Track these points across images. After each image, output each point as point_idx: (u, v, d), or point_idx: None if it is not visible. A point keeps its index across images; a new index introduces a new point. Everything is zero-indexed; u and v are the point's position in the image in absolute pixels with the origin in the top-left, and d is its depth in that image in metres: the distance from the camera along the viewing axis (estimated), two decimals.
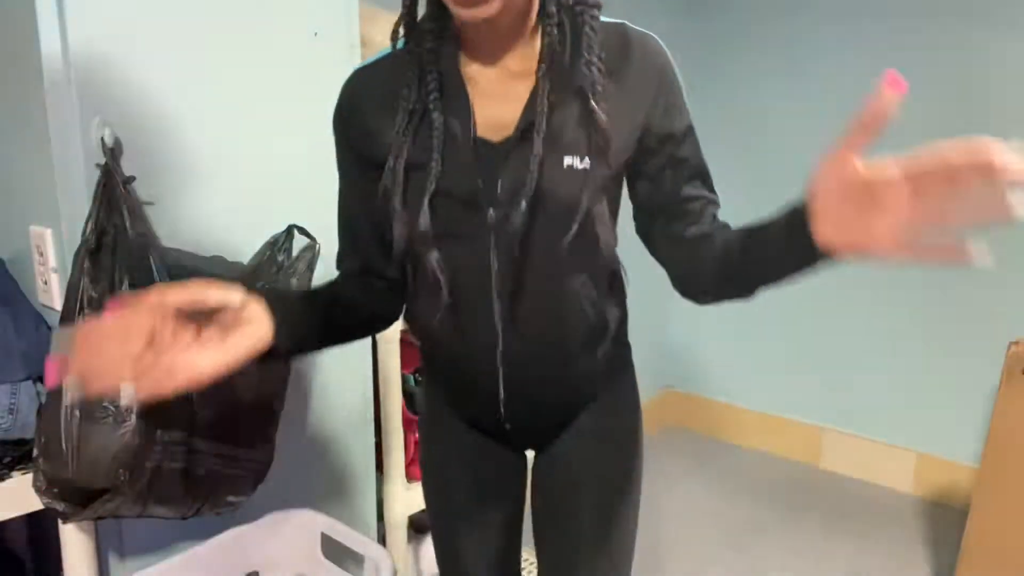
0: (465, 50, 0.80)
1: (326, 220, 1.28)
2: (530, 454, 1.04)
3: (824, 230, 0.63)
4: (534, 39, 0.79)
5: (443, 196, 0.78)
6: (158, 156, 1.06)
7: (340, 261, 0.95)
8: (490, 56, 0.79)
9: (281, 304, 0.76)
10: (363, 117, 0.85)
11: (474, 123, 0.78)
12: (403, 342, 1.50)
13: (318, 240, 1.19)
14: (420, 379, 1.16)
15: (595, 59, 0.76)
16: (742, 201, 1.34)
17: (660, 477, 2.63)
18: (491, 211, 0.79)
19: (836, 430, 2.68)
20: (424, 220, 0.78)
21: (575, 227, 0.77)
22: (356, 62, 1.30)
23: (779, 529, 2.29)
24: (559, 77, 0.76)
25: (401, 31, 0.80)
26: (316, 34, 1.22)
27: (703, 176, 0.85)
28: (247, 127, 1.16)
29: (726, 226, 0.82)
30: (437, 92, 0.78)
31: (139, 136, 1.03)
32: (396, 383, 1.46)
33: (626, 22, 0.81)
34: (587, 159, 0.77)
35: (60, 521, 0.98)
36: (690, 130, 0.84)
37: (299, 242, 1.17)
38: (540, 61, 0.76)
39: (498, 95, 0.79)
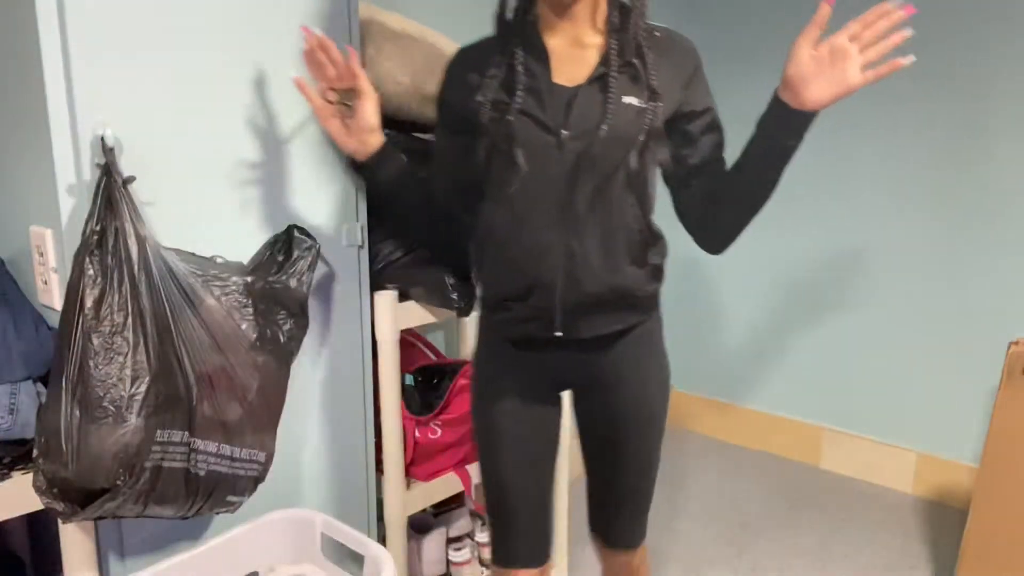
0: (544, 29, 1.08)
1: (326, 220, 1.29)
2: (565, 402, 1.25)
3: (811, 93, 0.96)
4: (596, 21, 1.06)
5: (524, 115, 1.03)
6: (158, 156, 1.06)
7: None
8: (564, 33, 1.07)
9: (391, 147, 1.17)
10: (460, 78, 1.12)
11: (552, 72, 1.05)
12: (403, 342, 1.50)
13: (318, 240, 1.19)
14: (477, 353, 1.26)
15: (643, 33, 1.05)
16: None
17: (660, 477, 2.62)
18: (563, 132, 1.02)
19: (836, 430, 2.68)
20: (510, 127, 1.03)
21: (639, 142, 1.02)
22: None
23: (779, 529, 2.29)
24: (622, 43, 1.04)
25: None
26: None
27: (724, 146, 1.13)
28: (247, 127, 1.16)
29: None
30: (522, 55, 1.06)
31: (139, 136, 1.03)
32: (396, 383, 1.45)
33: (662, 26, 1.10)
34: (642, 101, 1.03)
35: (60, 521, 0.98)
36: (716, 110, 1.12)
37: (299, 242, 1.17)
38: (607, 33, 1.05)
39: (570, 59, 1.06)
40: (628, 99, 1.03)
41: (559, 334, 1.09)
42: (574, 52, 1.07)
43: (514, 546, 1.21)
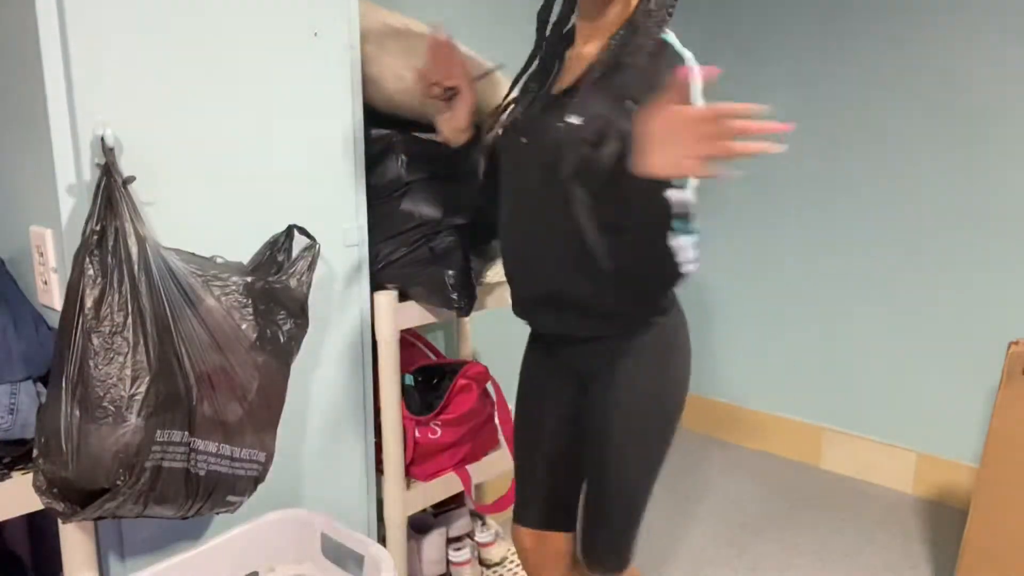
0: (574, 41, 1.17)
1: (326, 220, 1.29)
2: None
3: (653, 162, 0.85)
4: (611, 32, 1.08)
5: (510, 128, 1.17)
6: (158, 156, 1.06)
7: None
8: (577, 43, 1.16)
9: (477, 144, 1.27)
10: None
11: (551, 85, 1.16)
12: (403, 342, 1.50)
13: (318, 240, 1.19)
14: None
15: (648, 41, 1.03)
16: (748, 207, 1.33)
17: (660, 476, 2.62)
18: (522, 139, 1.13)
19: (836, 430, 2.68)
20: (491, 136, 1.21)
21: (581, 153, 1.01)
22: (356, 61, 1.30)
23: (779, 529, 2.29)
24: (618, 49, 1.05)
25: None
26: (316, 34, 1.23)
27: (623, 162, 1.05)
28: (247, 127, 1.16)
29: None
30: (543, 68, 1.18)
31: (139, 136, 1.03)
32: (395, 383, 1.45)
33: (672, 40, 1.06)
34: (580, 119, 1.02)
35: (60, 521, 0.98)
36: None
37: (299, 242, 1.17)
38: (608, 41, 1.07)
39: (568, 69, 1.15)
40: (571, 118, 1.02)
41: (527, 320, 1.23)
42: (573, 63, 1.14)
43: (520, 503, 1.34)
